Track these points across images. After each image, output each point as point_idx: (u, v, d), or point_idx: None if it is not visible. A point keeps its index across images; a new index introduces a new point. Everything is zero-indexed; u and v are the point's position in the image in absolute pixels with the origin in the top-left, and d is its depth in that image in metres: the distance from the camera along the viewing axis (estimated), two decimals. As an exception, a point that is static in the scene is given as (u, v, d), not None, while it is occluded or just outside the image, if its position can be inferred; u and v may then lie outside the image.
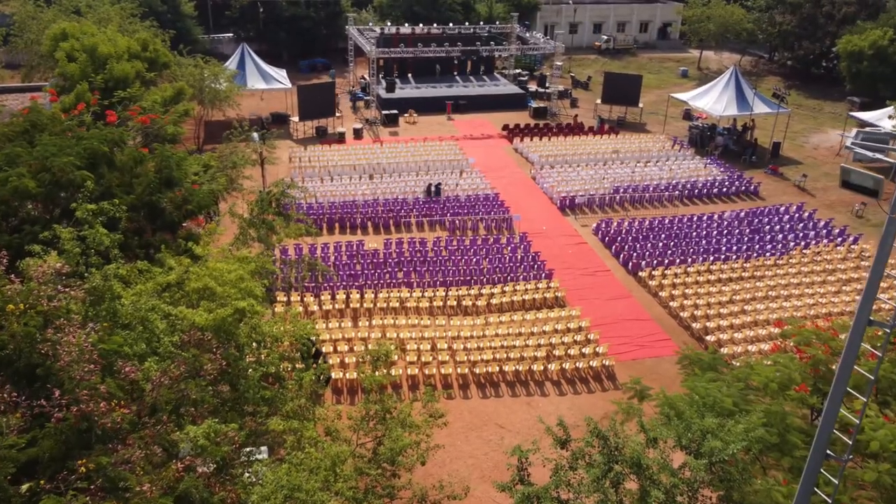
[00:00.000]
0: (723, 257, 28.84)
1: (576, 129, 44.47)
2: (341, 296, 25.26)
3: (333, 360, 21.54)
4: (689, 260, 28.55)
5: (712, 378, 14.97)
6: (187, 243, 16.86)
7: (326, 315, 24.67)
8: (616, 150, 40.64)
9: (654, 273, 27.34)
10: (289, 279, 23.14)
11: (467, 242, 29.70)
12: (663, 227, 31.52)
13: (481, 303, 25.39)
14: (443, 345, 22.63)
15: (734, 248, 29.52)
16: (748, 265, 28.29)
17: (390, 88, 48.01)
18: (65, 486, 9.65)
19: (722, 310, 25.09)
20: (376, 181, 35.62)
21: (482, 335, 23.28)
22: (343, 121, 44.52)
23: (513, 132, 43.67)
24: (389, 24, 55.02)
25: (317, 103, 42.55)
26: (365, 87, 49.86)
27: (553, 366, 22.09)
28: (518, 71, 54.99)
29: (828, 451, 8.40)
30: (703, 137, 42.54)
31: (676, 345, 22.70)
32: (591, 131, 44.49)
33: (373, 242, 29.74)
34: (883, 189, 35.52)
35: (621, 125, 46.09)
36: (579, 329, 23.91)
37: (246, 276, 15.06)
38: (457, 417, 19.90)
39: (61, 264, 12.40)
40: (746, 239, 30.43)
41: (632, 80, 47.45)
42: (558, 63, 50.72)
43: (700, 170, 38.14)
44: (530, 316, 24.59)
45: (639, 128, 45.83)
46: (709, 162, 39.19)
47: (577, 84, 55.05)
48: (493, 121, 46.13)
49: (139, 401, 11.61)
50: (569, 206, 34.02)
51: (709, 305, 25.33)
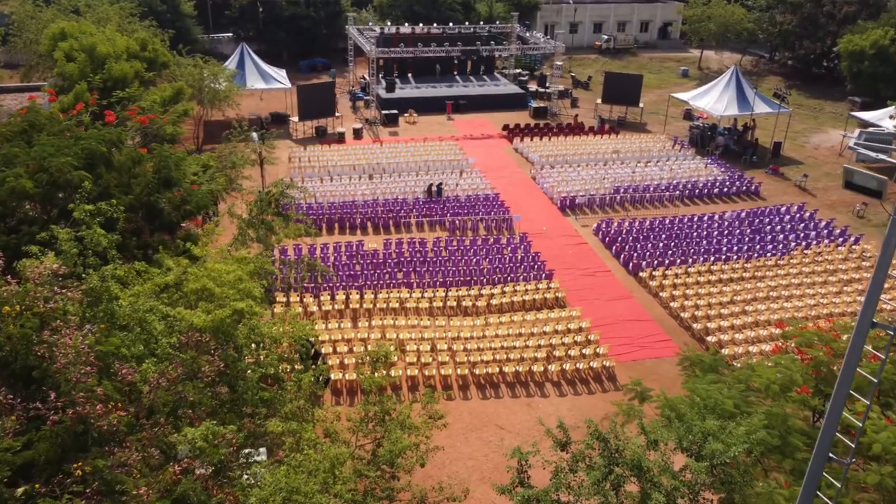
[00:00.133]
0: (723, 258, 28.77)
1: (576, 129, 44.40)
2: (341, 296, 25.19)
3: (333, 360, 21.47)
4: (690, 260, 28.48)
5: (713, 379, 14.92)
6: (186, 244, 16.84)
7: (326, 316, 24.60)
8: (616, 150, 40.57)
9: (655, 273, 27.28)
10: (288, 280, 23.07)
11: (467, 243, 29.63)
12: (664, 227, 31.44)
13: (481, 303, 25.32)
14: (442, 345, 22.56)
15: (735, 248, 29.44)
16: (749, 266, 28.22)
17: (390, 88, 47.93)
18: (61, 489, 9.59)
19: (723, 310, 25.03)
20: (376, 181, 35.56)
21: (482, 336, 23.21)
22: (343, 121, 44.44)
23: (513, 132, 43.60)
24: (389, 23, 54.98)
25: (316, 103, 42.49)
26: (365, 87, 49.80)
27: (553, 367, 22.02)
28: (518, 71, 54.93)
29: (830, 453, 8.33)
30: (704, 137, 42.47)
31: (677, 346, 22.66)
32: (592, 131, 44.42)
33: (372, 243, 29.67)
34: (887, 190, 35.42)
35: (622, 125, 46.02)
36: (579, 330, 23.85)
37: (245, 276, 15.02)
38: (456, 419, 19.83)
39: (58, 265, 12.30)
40: (747, 239, 30.36)
41: (632, 79, 47.37)
42: (558, 63, 50.62)
43: (701, 170, 38.06)
44: (530, 316, 24.52)
45: (639, 128, 45.76)
46: (709, 162, 39.11)
47: (578, 84, 54.97)
48: (493, 121, 46.05)
49: (136, 403, 11.56)
50: (569, 206, 33.95)
51: (709, 306, 25.26)
